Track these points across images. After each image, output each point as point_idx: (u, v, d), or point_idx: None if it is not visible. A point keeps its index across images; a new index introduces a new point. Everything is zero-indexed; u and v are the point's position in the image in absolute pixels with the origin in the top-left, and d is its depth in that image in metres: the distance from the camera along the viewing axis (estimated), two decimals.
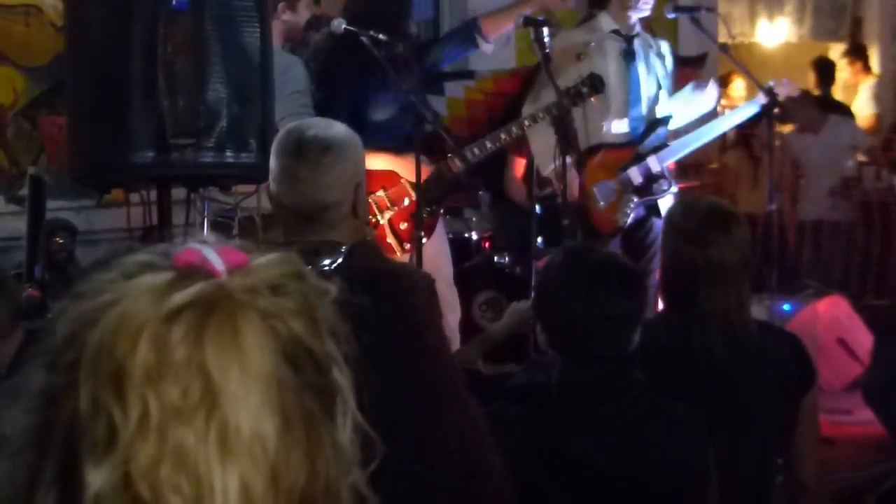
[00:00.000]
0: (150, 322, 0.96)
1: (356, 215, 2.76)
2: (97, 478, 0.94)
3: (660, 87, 5.75)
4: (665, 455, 2.55)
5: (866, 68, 9.60)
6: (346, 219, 2.74)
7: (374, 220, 5.10)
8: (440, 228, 5.36)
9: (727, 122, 5.90)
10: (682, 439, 2.59)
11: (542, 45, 5.02)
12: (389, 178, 5.18)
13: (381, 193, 5.15)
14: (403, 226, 5.16)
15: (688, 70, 8.07)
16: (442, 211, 5.34)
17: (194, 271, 1.01)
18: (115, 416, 0.95)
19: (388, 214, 5.14)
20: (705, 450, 2.61)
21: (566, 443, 2.52)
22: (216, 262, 1.01)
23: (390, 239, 5.13)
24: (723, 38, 6.69)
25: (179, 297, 0.97)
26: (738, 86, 9.02)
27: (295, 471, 0.98)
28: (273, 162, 2.83)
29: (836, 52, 10.70)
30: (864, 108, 9.54)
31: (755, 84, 5.68)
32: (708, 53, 8.11)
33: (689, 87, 5.81)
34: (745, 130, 8.18)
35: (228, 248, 1.04)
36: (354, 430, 1.04)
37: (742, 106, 5.88)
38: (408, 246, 5.13)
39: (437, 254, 5.23)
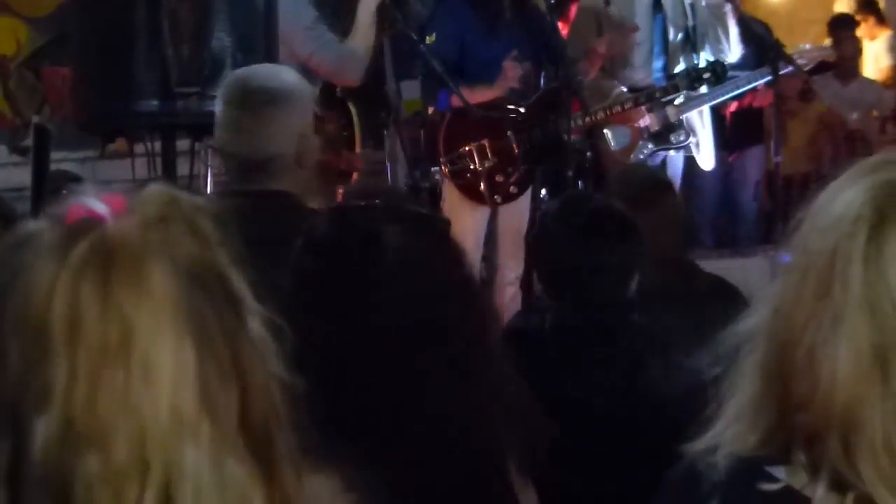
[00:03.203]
0: (59, 282, 1.02)
1: (301, 165, 2.77)
2: (41, 427, 1.02)
3: (686, 39, 5.73)
4: (663, 394, 2.54)
5: (880, 21, 9.50)
6: (289, 169, 2.76)
7: (473, 167, 5.11)
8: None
9: (741, 84, 5.88)
10: (680, 377, 2.58)
11: None
12: (496, 128, 5.19)
13: (484, 142, 5.16)
14: (499, 178, 5.17)
15: None
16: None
17: (84, 223, 1.05)
18: (47, 372, 1.02)
19: (487, 164, 5.15)
20: (704, 387, 2.61)
21: (562, 385, 2.52)
22: (101, 208, 1.06)
23: (484, 188, 5.14)
24: None
25: (79, 250, 1.03)
26: None
27: (227, 387, 1.05)
28: (218, 109, 2.85)
29: (840, 6, 10.63)
30: (880, 60, 9.45)
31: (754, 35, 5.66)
32: None
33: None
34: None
35: (107, 194, 1.09)
36: (264, 325, 1.10)
37: (756, 72, 5.86)
38: (499, 198, 5.17)
39: (522, 210, 5.28)
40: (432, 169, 5.25)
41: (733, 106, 6.62)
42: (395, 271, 1.74)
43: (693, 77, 5.51)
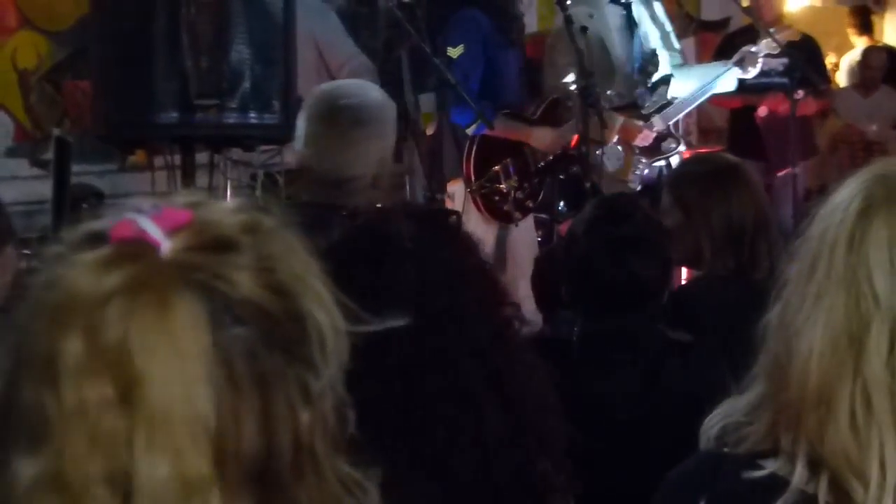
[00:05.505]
0: (82, 310, 0.93)
1: (376, 185, 2.79)
2: (28, 470, 0.93)
3: (662, 50, 5.73)
4: (682, 391, 2.54)
5: (862, 30, 9.46)
6: (364, 190, 2.78)
7: (500, 188, 5.15)
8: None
9: (726, 83, 5.85)
10: (699, 373, 2.58)
11: (563, 7, 5.03)
12: (515, 145, 5.20)
13: (507, 160, 5.18)
14: (519, 194, 5.20)
15: (710, 35, 8.04)
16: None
17: (132, 245, 0.96)
18: (48, 408, 0.93)
19: (511, 183, 5.17)
20: (724, 382, 2.60)
21: (585, 388, 2.52)
22: (153, 231, 0.97)
23: (507, 207, 5.17)
24: (746, 0, 6.65)
25: (109, 280, 0.94)
26: None
27: (249, 439, 0.95)
28: (303, 123, 2.85)
29: None
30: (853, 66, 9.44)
31: (779, 47, 5.66)
32: (731, 17, 8.06)
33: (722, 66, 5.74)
34: None
35: (169, 209, 0.99)
36: (340, 370, 1.02)
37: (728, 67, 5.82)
38: (519, 215, 5.19)
39: (530, 222, 5.28)
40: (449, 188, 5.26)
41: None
42: (410, 263, 1.76)
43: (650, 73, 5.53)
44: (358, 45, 5.47)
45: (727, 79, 5.68)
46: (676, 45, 5.82)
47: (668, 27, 5.80)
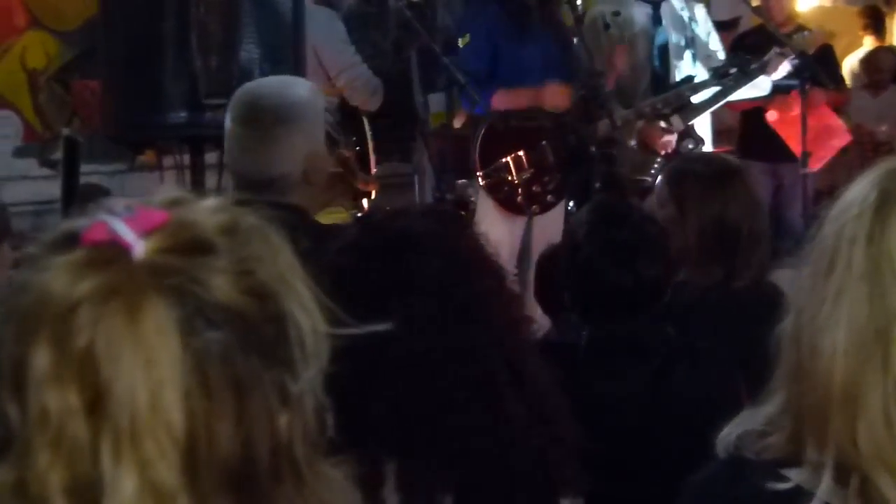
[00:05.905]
0: (51, 317, 0.92)
1: (308, 181, 2.77)
2: None
3: (687, 50, 5.72)
4: (692, 392, 2.53)
5: (872, 30, 9.45)
6: (296, 186, 2.76)
7: (511, 179, 5.13)
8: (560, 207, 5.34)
9: (757, 85, 5.84)
10: (709, 374, 2.57)
11: (573, 6, 5.02)
12: (531, 137, 5.18)
13: (521, 153, 5.16)
14: (536, 188, 5.17)
15: (721, 34, 8.01)
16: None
17: (104, 249, 0.94)
18: (12, 415, 0.92)
19: (524, 175, 5.14)
20: (735, 382, 2.59)
21: (592, 392, 2.51)
22: (126, 233, 0.95)
23: (520, 198, 5.14)
24: (756, 0, 6.63)
25: (80, 286, 0.92)
26: None
27: (224, 445, 0.94)
28: (226, 122, 2.83)
29: None
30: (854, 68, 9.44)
31: (789, 47, 5.65)
32: (741, 17, 8.04)
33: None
34: None
35: (143, 209, 0.97)
36: (320, 372, 1.00)
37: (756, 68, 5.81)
38: (537, 208, 5.16)
39: (557, 221, 5.25)
40: (459, 182, 5.25)
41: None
42: (430, 255, 1.79)
43: (720, 74, 5.51)
44: (367, 45, 5.47)
45: (756, 82, 5.68)
46: (714, 47, 5.79)
47: (709, 28, 5.78)
